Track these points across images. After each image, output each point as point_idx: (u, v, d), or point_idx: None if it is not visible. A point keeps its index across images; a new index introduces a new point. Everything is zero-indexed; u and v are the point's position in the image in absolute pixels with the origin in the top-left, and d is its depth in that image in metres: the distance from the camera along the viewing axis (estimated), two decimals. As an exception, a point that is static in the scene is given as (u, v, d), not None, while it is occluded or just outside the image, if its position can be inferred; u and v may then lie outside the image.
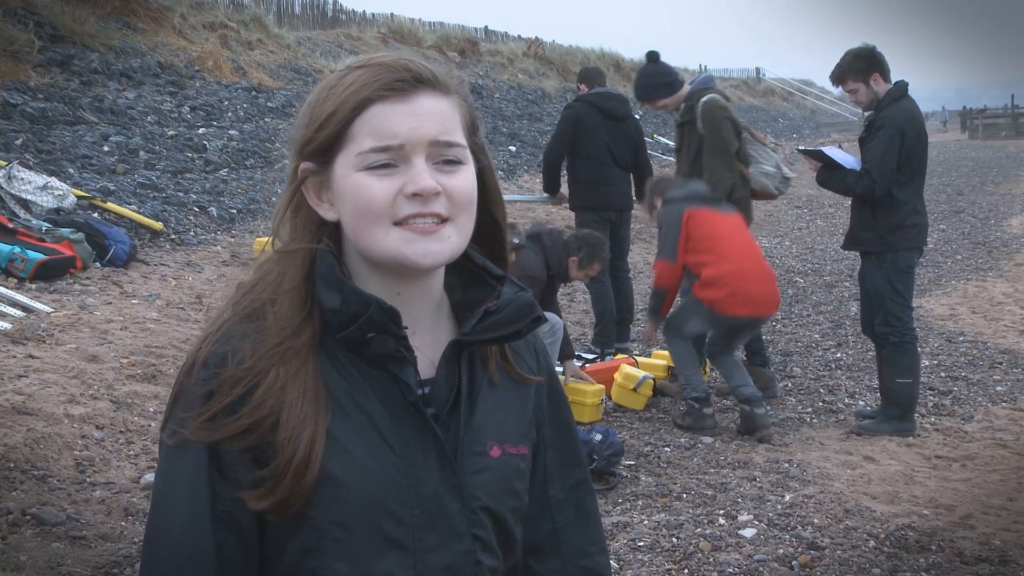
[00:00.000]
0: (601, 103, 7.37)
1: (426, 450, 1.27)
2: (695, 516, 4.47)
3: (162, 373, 5.40)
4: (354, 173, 1.24)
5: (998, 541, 4.21)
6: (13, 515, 3.76)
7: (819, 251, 12.73)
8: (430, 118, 1.25)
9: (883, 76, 5.70)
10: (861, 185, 5.61)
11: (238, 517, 1.22)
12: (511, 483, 1.36)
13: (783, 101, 42.76)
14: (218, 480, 1.21)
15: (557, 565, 1.47)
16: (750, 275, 5.68)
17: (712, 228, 5.73)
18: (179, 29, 13.07)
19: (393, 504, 1.24)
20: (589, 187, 7.34)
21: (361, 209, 1.24)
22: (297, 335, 1.25)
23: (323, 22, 20.63)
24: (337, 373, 1.26)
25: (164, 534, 1.23)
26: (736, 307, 5.62)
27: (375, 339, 1.24)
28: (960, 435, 5.80)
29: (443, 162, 1.26)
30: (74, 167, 8.56)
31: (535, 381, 1.43)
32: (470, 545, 1.29)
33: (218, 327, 1.27)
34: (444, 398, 1.31)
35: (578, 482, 1.50)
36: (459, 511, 1.28)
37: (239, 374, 1.22)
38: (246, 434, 1.21)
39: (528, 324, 1.35)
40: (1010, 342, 8.00)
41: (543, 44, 24.24)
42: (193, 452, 1.22)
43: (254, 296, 1.29)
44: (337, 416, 1.24)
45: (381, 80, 1.24)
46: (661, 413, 6.22)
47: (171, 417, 1.25)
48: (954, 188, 19.96)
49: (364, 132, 1.24)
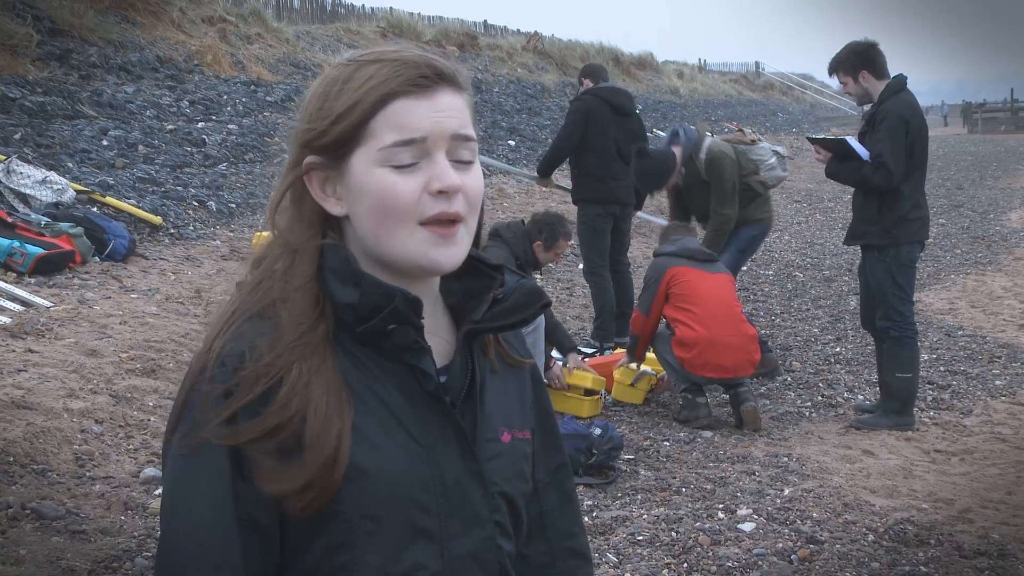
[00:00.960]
0: (610, 97, 7.43)
1: (446, 439, 1.28)
2: (694, 510, 4.47)
3: (161, 368, 5.40)
4: (376, 169, 1.23)
5: (997, 535, 4.21)
6: (13, 509, 3.76)
7: (818, 245, 12.73)
8: (451, 113, 1.25)
9: (873, 73, 5.70)
10: (879, 176, 5.53)
11: (260, 519, 1.21)
12: (521, 467, 1.38)
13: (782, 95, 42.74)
14: (239, 482, 1.19)
15: (545, 548, 1.49)
16: (721, 344, 5.75)
17: (692, 289, 5.88)
18: (178, 23, 13.05)
19: (420, 494, 1.25)
20: (596, 180, 7.36)
21: (386, 208, 1.23)
22: (313, 331, 1.24)
23: (322, 16, 20.60)
24: (354, 367, 1.25)
25: (186, 540, 1.19)
26: (704, 370, 5.78)
27: (397, 330, 1.24)
28: (959, 429, 5.81)
29: (459, 160, 1.26)
30: (73, 161, 8.55)
31: (528, 365, 1.46)
32: (492, 531, 1.31)
33: (227, 326, 1.25)
34: (459, 386, 1.32)
35: (559, 465, 1.52)
36: (481, 497, 1.30)
37: (259, 371, 1.20)
38: (272, 434, 1.19)
39: (537, 310, 1.36)
40: (1009, 336, 8.00)
41: (542, 38, 24.21)
42: (213, 454, 1.19)
43: (261, 294, 1.27)
44: (359, 409, 1.24)
45: (404, 76, 1.23)
46: (660, 408, 6.23)
47: (184, 420, 1.22)
48: (953, 182, 19.97)
49: (387, 127, 1.23)
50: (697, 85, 32.68)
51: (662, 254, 6.14)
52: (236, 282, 1.33)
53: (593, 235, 7.45)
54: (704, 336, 5.74)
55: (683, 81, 31.90)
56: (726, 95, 34.42)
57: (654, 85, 28.45)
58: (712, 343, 5.73)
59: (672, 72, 32.48)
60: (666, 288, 5.91)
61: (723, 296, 5.94)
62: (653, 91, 27.11)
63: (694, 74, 35.21)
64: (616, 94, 7.55)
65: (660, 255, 6.16)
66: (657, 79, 29.79)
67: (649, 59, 31.13)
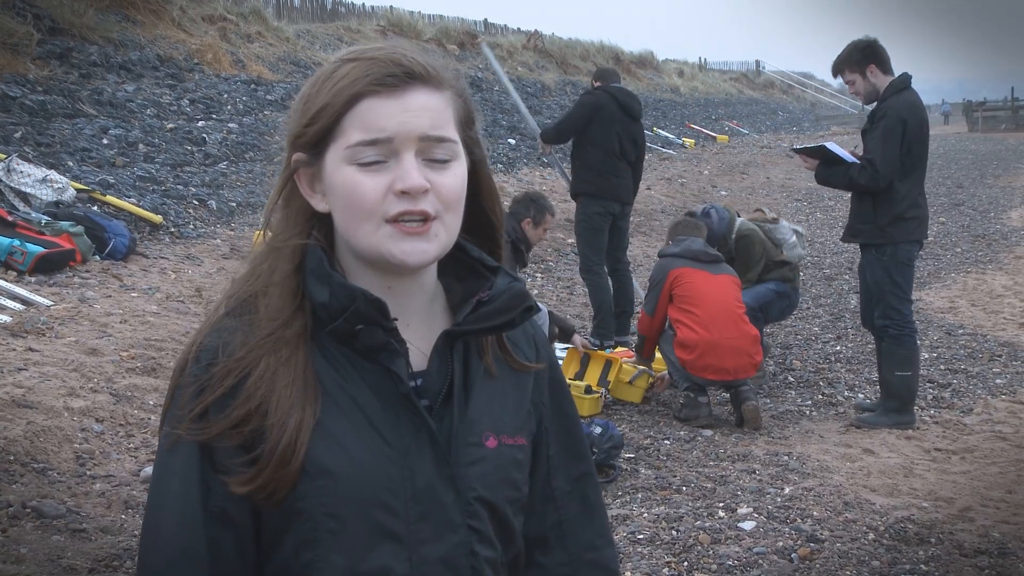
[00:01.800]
0: (621, 97, 7.48)
1: (420, 441, 1.28)
2: (695, 509, 4.47)
3: (162, 366, 5.40)
4: (344, 167, 1.25)
5: (997, 533, 4.21)
6: (13, 508, 3.76)
7: (819, 244, 12.73)
8: (421, 113, 1.25)
9: (880, 68, 5.69)
10: (865, 176, 5.59)
11: (232, 512, 1.23)
12: (508, 473, 1.36)
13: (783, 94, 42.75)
14: (211, 476, 1.22)
15: (563, 558, 1.46)
16: (722, 346, 5.78)
17: (695, 291, 5.91)
18: (178, 22, 13.05)
19: (387, 495, 1.25)
20: (597, 175, 7.37)
21: (351, 205, 1.25)
22: (288, 326, 1.26)
23: (322, 15, 20.60)
24: (329, 365, 1.27)
25: (157, 532, 1.24)
26: (705, 372, 5.81)
27: (364, 331, 1.25)
28: (959, 428, 5.81)
29: (433, 159, 1.26)
30: (73, 160, 8.56)
31: (533, 371, 1.43)
32: (465, 536, 1.29)
33: (211, 323, 1.28)
34: (437, 389, 1.31)
35: (583, 474, 1.49)
36: (454, 502, 1.29)
37: (230, 366, 1.23)
38: (239, 427, 1.22)
39: (520, 313, 1.34)
40: (1009, 335, 8.00)
41: (543, 37, 24.22)
42: (185, 449, 1.23)
43: (245, 288, 1.30)
44: (329, 408, 1.25)
45: (372, 75, 1.24)
46: (660, 406, 6.23)
47: (167, 416, 1.26)
48: (954, 181, 19.96)
49: (354, 126, 1.24)
50: (697, 84, 32.71)
51: (667, 255, 6.18)
52: (232, 278, 1.35)
53: (591, 233, 7.45)
54: (705, 338, 5.76)
55: (683, 80, 31.93)
56: (726, 94, 34.44)
57: (654, 84, 28.46)
58: (713, 345, 5.75)
59: (672, 71, 32.51)
60: (670, 289, 5.95)
61: (726, 298, 5.95)
62: (653, 90, 27.13)
63: (694, 73, 35.24)
64: (628, 96, 7.60)
65: (665, 256, 6.20)
66: (657, 78, 29.82)
67: (649, 58, 31.15)
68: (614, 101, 7.39)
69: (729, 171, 19.12)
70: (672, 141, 21.36)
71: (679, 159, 19.47)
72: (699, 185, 16.78)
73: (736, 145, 24.46)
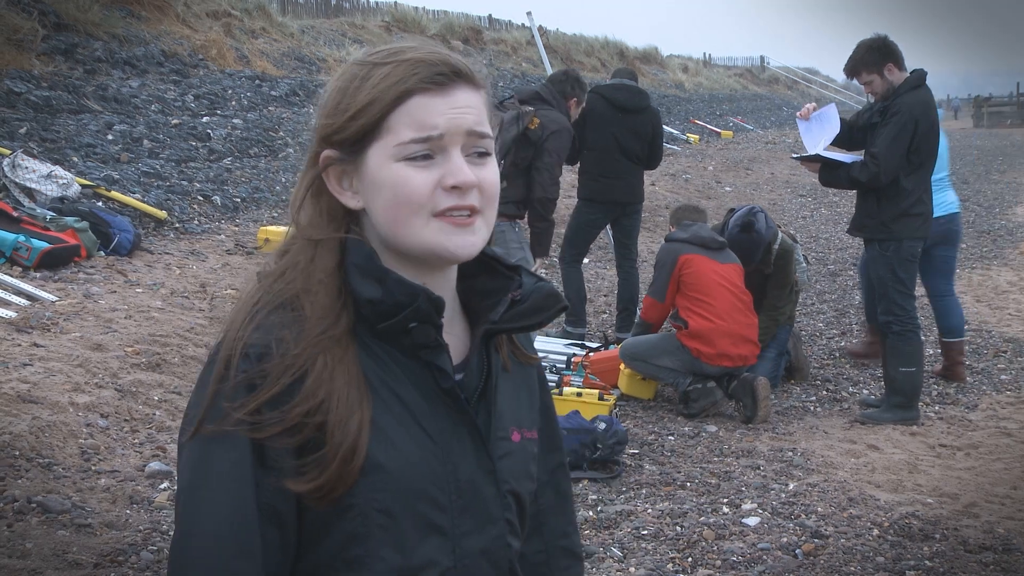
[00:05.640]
0: (610, 94, 7.32)
1: (460, 436, 1.30)
2: (699, 504, 4.47)
3: (166, 362, 5.40)
4: (392, 163, 1.26)
5: (1002, 529, 4.21)
6: (18, 503, 3.77)
7: (823, 240, 12.71)
8: (467, 110, 1.28)
9: (897, 65, 5.66)
10: (866, 173, 5.58)
11: (280, 508, 1.22)
12: (528, 466, 1.41)
13: (787, 89, 42.64)
14: (260, 471, 1.21)
15: (540, 546, 1.51)
16: (734, 334, 5.85)
17: (704, 279, 5.90)
18: (183, 17, 13.06)
19: (433, 490, 1.27)
20: (591, 179, 7.33)
21: (401, 200, 1.26)
22: (336, 324, 1.26)
23: (327, 10, 20.59)
24: (372, 362, 1.27)
25: (203, 529, 1.20)
26: (720, 360, 5.84)
27: (417, 328, 1.26)
28: (964, 423, 5.80)
29: (475, 154, 1.29)
30: (78, 156, 8.57)
31: (535, 364, 1.48)
32: (502, 528, 1.34)
33: (250, 317, 1.26)
34: (474, 385, 1.34)
35: (558, 465, 1.55)
36: (494, 495, 1.32)
37: (287, 362, 1.22)
38: (295, 430, 1.21)
39: (554, 312, 1.39)
40: (1015, 330, 7.98)
41: (547, 32, 24.18)
42: (235, 443, 1.20)
43: (283, 286, 1.29)
44: (377, 405, 1.25)
45: (422, 73, 1.26)
46: (665, 402, 6.23)
47: (209, 412, 1.22)
48: (959, 176, 19.91)
49: (403, 123, 1.25)
50: (702, 79, 32.65)
51: (675, 239, 6.11)
52: (257, 272, 1.34)
53: (577, 230, 7.48)
54: (721, 327, 5.82)
55: (688, 75, 31.87)
56: (731, 89, 34.36)
57: (659, 79, 28.41)
58: (728, 333, 5.83)
59: (677, 66, 32.45)
60: (678, 275, 5.92)
61: (734, 286, 5.99)
62: (658, 85, 27.08)
63: (699, 68, 35.19)
64: (618, 91, 7.37)
65: (672, 240, 6.14)
66: (662, 73, 29.77)
67: (654, 53, 31.11)
68: (602, 100, 7.27)
69: (734, 167, 19.08)
70: (676, 137, 21.34)
71: (683, 155, 19.44)
72: (703, 181, 16.75)
73: (740, 141, 24.42)
